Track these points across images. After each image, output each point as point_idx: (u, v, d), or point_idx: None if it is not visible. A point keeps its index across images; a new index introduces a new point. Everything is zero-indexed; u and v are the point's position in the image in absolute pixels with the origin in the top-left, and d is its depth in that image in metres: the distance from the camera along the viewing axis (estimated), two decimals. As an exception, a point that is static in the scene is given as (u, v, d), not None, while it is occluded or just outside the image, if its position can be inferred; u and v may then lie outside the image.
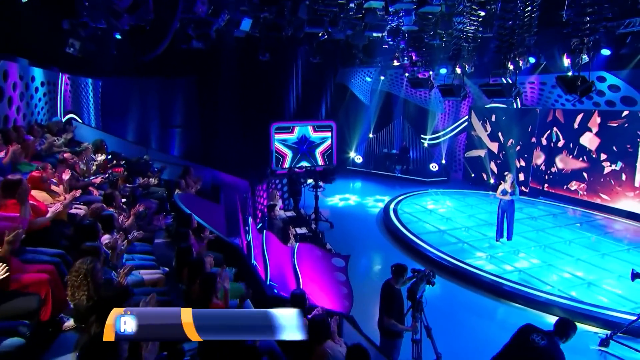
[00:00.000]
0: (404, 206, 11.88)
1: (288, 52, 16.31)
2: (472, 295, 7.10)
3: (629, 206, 11.05)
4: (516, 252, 8.52)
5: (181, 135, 15.89)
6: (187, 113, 15.75)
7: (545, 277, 7.45)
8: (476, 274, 7.46)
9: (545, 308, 6.54)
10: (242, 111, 15.86)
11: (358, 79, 17.11)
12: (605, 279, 7.42)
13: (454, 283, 7.51)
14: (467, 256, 8.30)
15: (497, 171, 14.56)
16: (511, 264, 7.93)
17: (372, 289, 6.87)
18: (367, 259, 8.76)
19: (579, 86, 5.55)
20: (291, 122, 16.85)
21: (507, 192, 8.56)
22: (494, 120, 14.80)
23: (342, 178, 15.79)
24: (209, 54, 14.35)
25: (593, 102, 12.12)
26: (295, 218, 8.54)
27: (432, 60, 11.67)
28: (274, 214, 7.06)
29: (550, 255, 8.39)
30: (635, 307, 6.50)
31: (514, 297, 6.86)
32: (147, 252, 4.76)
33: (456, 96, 8.58)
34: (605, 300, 6.75)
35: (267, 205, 7.51)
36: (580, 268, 7.85)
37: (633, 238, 9.63)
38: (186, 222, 5.00)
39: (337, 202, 12.86)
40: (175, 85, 15.58)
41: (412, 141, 17.05)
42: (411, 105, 17.05)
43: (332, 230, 10.09)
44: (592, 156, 12.02)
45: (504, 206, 8.69)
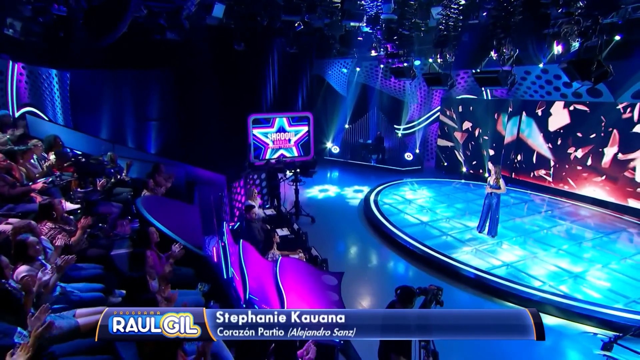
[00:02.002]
0: (384, 197, 10.91)
1: (264, 44, 14.89)
2: (463, 295, 6.21)
3: (593, 193, 10.54)
4: (499, 244, 7.72)
5: (158, 128, 14.24)
6: (164, 106, 14.10)
7: (533, 271, 6.66)
8: (467, 272, 6.57)
9: (539, 307, 5.71)
10: (219, 103, 14.35)
11: (334, 70, 15.86)
12: (590, 270, 6.71)
13: (443, 280, 6.59)
14: (453, 250, 7.41)
15: (469, 160, 13.87)
16: (498, 258, 7.10)
17: (362, 292, 6.02)
18: (353, 257, 7.73)
19: (593, 71, 4.60)
20: (268, 114, 15.55)
21: (491, 185, 7.68)
22: (463, 110, 13.98)
23: (320, 168, 14.64)
24: (184, 45, 12.85)
25: (561, 94, 11.46)
26: (276, 217, 7.34)
27: (410, 51, 10.58)
28: (252, 216, 5.87)
29: (532, 246, 7.63)
30: (627, 302, 5.80)
31: (506, 295, 6.01)
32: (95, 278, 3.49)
33: (443, 85, 7.54)
34: (597, 296, 6.01)
35: (244, 205, 6.28)
36: (563, 259, 7.12)
37: (603, 225, 9.04)
38: (142, 239, 3.74)
39: (316, 194, 11.74)
40: (151, 77, 13.84)
41: (386, 131, 16.06)
42: (386, 96, 16.01)
43: (313, 225, 9.00)
44: (557, 143, 11.41)
45: (488, 200, 7.82)
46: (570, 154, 11.04)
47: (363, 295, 6.20)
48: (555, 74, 11.13)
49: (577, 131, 10.90)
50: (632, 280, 6.44)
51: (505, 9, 7.35)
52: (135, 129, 13.85)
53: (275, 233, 5.42)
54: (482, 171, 13.43)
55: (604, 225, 9.00)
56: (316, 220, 9.18)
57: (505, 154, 12.82)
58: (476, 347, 4.97)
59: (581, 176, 10.84)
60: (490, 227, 7.89)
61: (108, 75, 12.94)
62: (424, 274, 6.77)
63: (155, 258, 3.69)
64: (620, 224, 9.13)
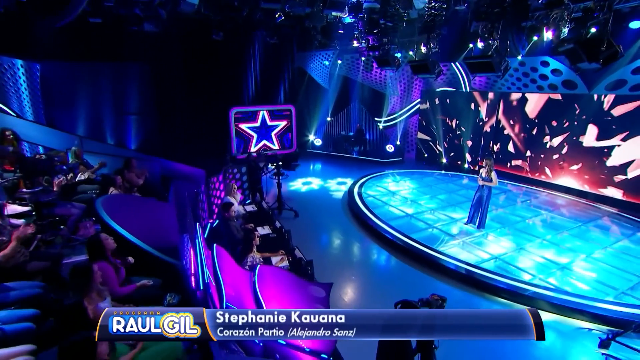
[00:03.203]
0: (367, 189, 10.30)
1: (245, 36, 13.93)
2: (454, 292, 5.66)
3: (568, 182, 10.27)
4: (485, 235, 7.24)
5: (138, 123, 13.12)
6: (144, 99, 13.00)
7: (521, 263, 6.21)
8: (457, 267, 6.02)
9: (532, 302, 5.25)
10: (200, 96, 13.37)
11: (316, 63, 15.04)
12: (575, 261, 6.31)
13: (432, 276, 6.05)
14: (441, 243, 6.88)
15: (448, 152, 13.44)
16: (485, 250, 6.61)
17: (349, 289, 5.40)
18: (339, 253, 7.08)
19: (602, 52, 4.03)
20: (250, 107, 14.66)
21: (483, 178, 7.15)
22: (442, 103, 13.49)
23: (303, 161, 13.92)
24: (163, 37, 11.85)
25: (537, 86, 11.08)
26: (257, 214, 6.60)
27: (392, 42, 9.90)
28: (230, 214, 5.11)
29: (517, 237, 7.19)
30: (617, 293, 5.40)
31: (498, 291, 5.51)
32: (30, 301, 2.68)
33: (430, 73, 6.88)
34: (586, 288, 5.59)
35: (221, 203, 5.50)
36: (548, 250, 6.70)
37: (580, 214, 8.72)
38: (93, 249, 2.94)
39: (300, 186, 11.01)
40: (130, 70, 12.68)
41: (367, 123, 15.43)
42: (367, 89, 15.33)
43: (297, 220, 8.30)
44: (532, 133, 11.07)
45: (479, 192, 7.29)
46: (546, 143, 10.73)
47: (350, 292, 5.59)
48: (532, 66, 10.74)
49: (551, 120, 10.58)
50: (616, 270, 6.09)
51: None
52: (114, 124, 12.76)
53: (256, 233, 4.69)
54: (460, 162, 13.07)
55: (581, 214, 8.69)
56: (300, 215, 8.49)
57: (484, 144, 12.42)
58: (472, 346, 4.45)
59: (557, 165, 10.55)
60: (479, 219, 7.39)
61: (84, 68, 11.78)
62: (413, 269, 6.21)
63: (110, 271, 2.92)
64: (595, 213, 8.85)
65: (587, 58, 4.15)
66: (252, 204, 6.72)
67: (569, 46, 4.27)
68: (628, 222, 8.19)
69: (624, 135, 8.93)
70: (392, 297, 5.58)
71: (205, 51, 12.80)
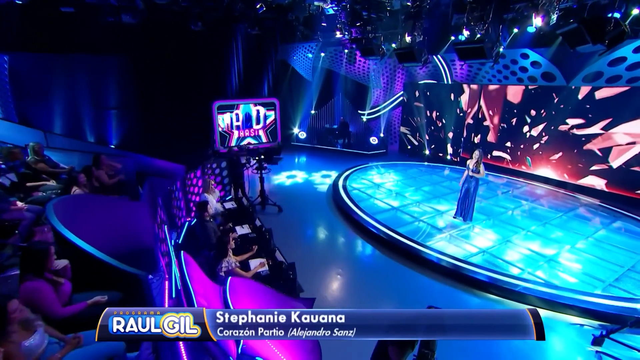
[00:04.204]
0: (352, 182, 9.82)
1: (227, 28, 13.10)
2: (442, 289, 5.26)
3: (547, 172, 10.07)
4: (471, 228, 6.88)
5: (118, 117, 12.19)
6: (123, 93, 12.06)
7: (508, 256, 5.87)
8: (445, 262, 5.61)
9: (522, 298, 4.90)
10: (182, 90, 12.50)
11: (299, 55, 14.33)
12: (561, 252, 6.02)
13: (421, 273, 5.64)
14: (428, 238, 6.47)
15: (429, 143, 13.08)
16: (472, 244, 6.24)
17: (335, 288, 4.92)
18: (324, 250, 6.57)
19: (609, 32, 3.58)
20: (234, 100, 13.89)
21: (471, 170, 6.73)
22: (423, 95, 13.07)
23: (287, 154, 13.32)
24: (143, 29, 10.96)
25: (517, 78, 10.77)
26: (236, 211, 6.08)
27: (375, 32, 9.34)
28: (207, 214, 4.52)
29: (502, 229, 6.87)
30: (604, 286, 5.11)
31: (487, 287, 5.13)
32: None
33: (417, 61, 6.38)
34: (573, 280, 5.28)
35: (197, 203, 4.89)
36: (534, 242, 6.40)
37: (560, 204, 8.50)
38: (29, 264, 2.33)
39: (284, 180, 10.44)
40: (108, 63, 11.70)
41: (351, 116, 14.90)
42: (350, 82, 14.76)
43: (281, 215, 7.75)
44: (512, 124, 10.80)
45: (467, 184, 6.88)
46: (526, 133, 10.48)
47: (335, 290, 5.12)
48: (513, 59, 10.39)
49: (530, 109, 10.33)
50: (600, 260, 5.83)
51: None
52: (93, 119, 11.80)
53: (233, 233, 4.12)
54: (442, 155, 12.74)
55: (561, 204, 8.46)
56: (284, 210, 7.94)
57: (466, 136, 12.10)
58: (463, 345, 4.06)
59: (537, 155, 10.32)
60: (466, 212, 7.01)
61: (58, 60, 10.78)
62: (401, 265, 5.78)
63: (46, 291, 2.32)
64: (574, 202, 8.65)
65: (591, 39, 3.71)
66: (232, 200, 6.09)
67: (571, 26, 3.82)
68: (605, 211, 8.01)
69: (605, 123, 8.71)
70: (380, 295, 5.16)
71: (187, 44, 11.96)
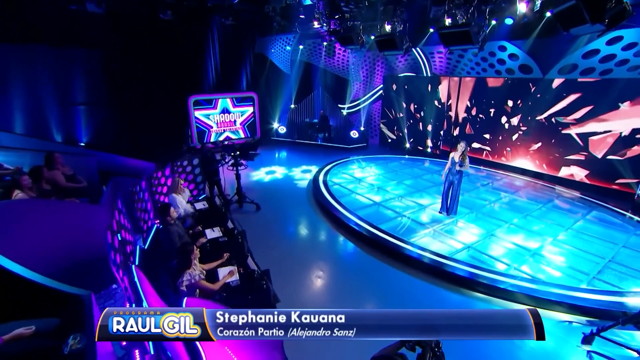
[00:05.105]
0: (333, 176, 9.37)
1: (202, 20, 12.25)
2: (428, 288, 4.91)
3: (525, 164, 9.97)
4: (455, 222, 6.58)
5: (88, 114, 11.19)
6: (92, 88, 11.06)
7: (493, 251, 5.59)
8: (429, 260, 5.26)
9: (509, 296, 4.61)
10: (156, 84, 11.62)
11: (277, 48, 13.66)
12: (545, 246, 5.80)
13: (404, 272, 5.26)
14: (412, 234, 6.10)
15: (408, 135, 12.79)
16: (457, 239, 5.93)
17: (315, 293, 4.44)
18: (303, 251, 6.08)
19: (609, 10, 3.21)
20: (211, 95, 13.12)
21: (456, 162, 6.37)
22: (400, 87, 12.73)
23: (267, 149, 12.73)
24: (112, 20, 10.05)
25: (495, 70, 10.57)
26: (208, 212, 5.42)
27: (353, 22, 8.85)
28: (171, 218, 3.94)
29: (486, 223, 6.61)
30: (588, 279, 4.90)
31: (474, 285, 4.81)
32: None
33: (398, 49, 5.93)
34: (558, 274, 5.05)
35: (158, 206, 4.28)
36: (517, 235, 6.16)
37: (538, 195, 8.37)
38: None
39: (263, 176, 9.87)
40: (75, 56, 10.68)
41: (331, 110, 14.40)
42: (330, 75, 14.24)
43: (259, 213, 7.22)
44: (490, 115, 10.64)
45: (450, 177, 6.54)
46: (504, 124, 10.33)
47: (315, 294, 4.68)
48: (490, 51, 10.16)
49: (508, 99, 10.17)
50: (581, 252, 5.65)
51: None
52: (60, 116, 10.76)
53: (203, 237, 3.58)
54: (421, 148, 12.48)
55: (539, 195, 8.33)
56: (262, 207, 7.41)
57: (446, 129, 11.87)
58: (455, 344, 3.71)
59: (515, 146, 10.20)
60: (451, 205, 6.69)
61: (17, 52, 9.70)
62: (386, 265, 5.38)
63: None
64: (551, 193, 8.54)
65: (590, 18, 3.35)
66: (204, 200, 5.50)
67: (568, 4, 3.45)
68: (580, 202, 7.93)
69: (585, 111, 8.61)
70: (363, 295, 4.77)
71: (160, 36, 11.08)
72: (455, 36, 5.13)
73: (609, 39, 7.78)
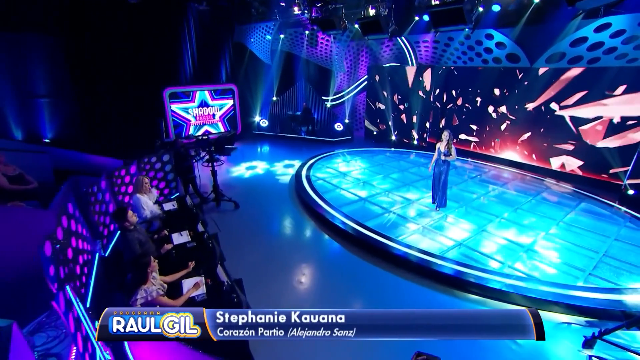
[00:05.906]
0: (316, 171, 8.93)
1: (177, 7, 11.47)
2: (418, 289, 4.56)
3: (513, 156, 9.80)
4: (444, 217, 6.26)
5: (51, 107, 10.28)
6: (55, 79, 10.13)
7: (486, 248, 5.29)
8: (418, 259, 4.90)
9: (505, 296, 4.31)
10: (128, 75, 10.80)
11: (257, 37, 13.00)
12: (538, 241, 5.54)
13: (394, 273, 4.90)
14: (399, 230, 5.75)
15: (394, 128, 12.45)
16: (447, 236, 5.60)
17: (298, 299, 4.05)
18: (284, 251, 5.63)
19: None
20: (188, 87, 12.38)
21: (442, 152, 6.02)
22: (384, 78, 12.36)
23: (248, 143, 12.16)
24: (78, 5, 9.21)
25: (482, 60, 10.28)
26: (178, 213, 4.72)
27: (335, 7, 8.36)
28: (129, 224, 3.40)
29: (476, 217, 6.32)
30: (584, 275, 4.66)
31: (469, 286, 4.49)
32: None
33: (383, 32, 5.50)
34: (553, 271, 4.79)
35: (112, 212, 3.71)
36: (509, 230, 5.89)
37: (528, 187, 8.17)
38: None
39: (243, 172, 9.34)
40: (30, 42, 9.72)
41: (315, 102, 13.90)
42: (313, 65, 13.69)
43: (237, 212, 6.71)
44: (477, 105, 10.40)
45: (437, 168, 6.20)
46: (490, 114, 10.11)
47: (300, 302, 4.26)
48: (477, 40, 9.86)
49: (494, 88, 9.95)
50: (575, 247, 5.42)
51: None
52: (17, 110, 9.82)
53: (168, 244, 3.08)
54: (407, 141, 12.17)
55: (528, 187, 8.13)
56: (241, 205, 6.91)
57: (433, 120, 11.57)
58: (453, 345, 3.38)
59: (503, 137, 10.00)
60: (439, 198, 6.37)
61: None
62: (375, 267, 5.00)
63: None
64: (540, 185, 8.37)
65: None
66: (174, 201, 4.95)
67: None
68: (570, 193, 7.77)
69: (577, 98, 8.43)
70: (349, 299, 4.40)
71: (130, 23, 10.26)
72: (447, 15, 4.73)
73: (597, 26, 7.57)
